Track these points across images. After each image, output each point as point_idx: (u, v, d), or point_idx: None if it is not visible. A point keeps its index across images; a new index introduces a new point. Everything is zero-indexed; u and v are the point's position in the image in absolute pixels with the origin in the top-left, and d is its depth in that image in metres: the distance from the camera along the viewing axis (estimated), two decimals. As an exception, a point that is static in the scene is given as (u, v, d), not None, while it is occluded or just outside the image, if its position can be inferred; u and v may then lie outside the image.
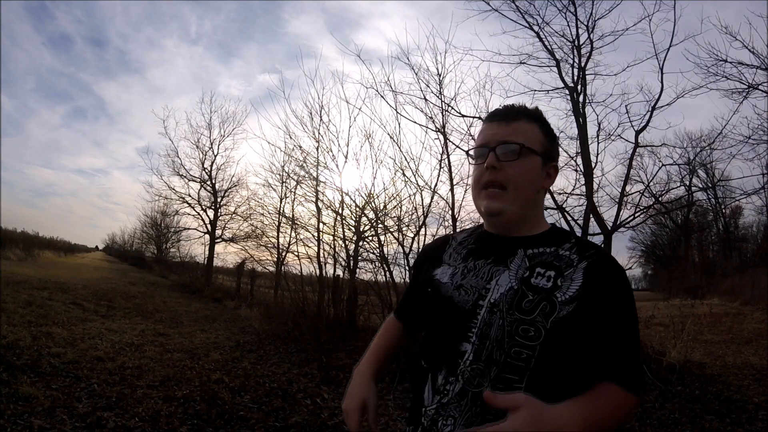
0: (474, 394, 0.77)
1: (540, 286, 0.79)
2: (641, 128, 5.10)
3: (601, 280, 0.78)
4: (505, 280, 0.82)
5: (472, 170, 0.92)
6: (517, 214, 0.86)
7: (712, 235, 24.42)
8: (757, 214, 19.68)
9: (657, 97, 4.98)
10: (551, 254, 0.83)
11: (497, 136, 0.87)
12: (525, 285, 0.80)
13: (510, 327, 0.77)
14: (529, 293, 0.79)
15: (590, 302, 0.76)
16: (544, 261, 0.82)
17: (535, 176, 0.88)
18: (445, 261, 0.94)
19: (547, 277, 0.80)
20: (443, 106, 5.76)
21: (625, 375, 0.75)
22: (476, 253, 0.90)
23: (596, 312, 0.76)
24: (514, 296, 0.79)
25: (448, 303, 0.85)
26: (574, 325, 0.76)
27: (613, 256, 0.84)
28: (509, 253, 0.85)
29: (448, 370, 0.81)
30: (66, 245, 34.61)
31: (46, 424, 2.78)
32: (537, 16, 5.42)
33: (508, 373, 0.76)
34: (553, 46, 5.42)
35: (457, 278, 0.87)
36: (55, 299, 7.84)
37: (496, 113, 0.91)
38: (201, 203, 17.13)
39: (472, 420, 0.76)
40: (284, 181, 9.02)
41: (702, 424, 3.33)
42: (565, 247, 0.84)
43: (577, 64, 5.33)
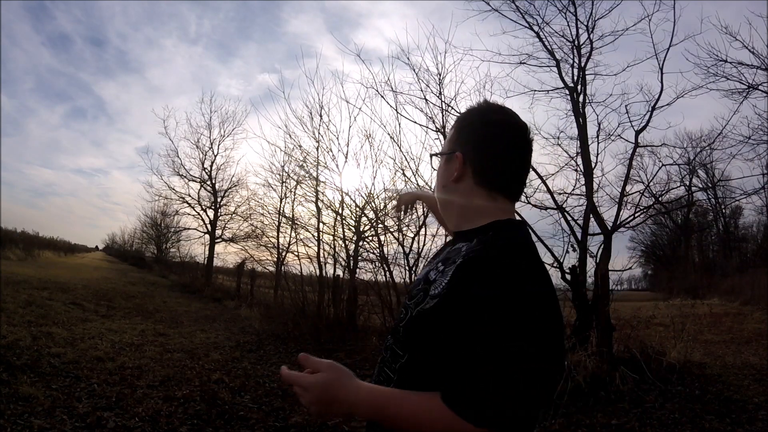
0: (381, 357, 0.89)
1: (430, 278, 0.84)
2: (641, 128, 5.10)
3: (465, 281, 0.72)
4: (421, 273, 0.91)
5: None
6: (439, 209, 0.97)
7: (712, 235, 24.44)
8: (757, 214, 19.70)
9: (657, 97, 4.97)
10: (454, 251, 0.84)
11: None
12: (425, 277, 0.87)
13: (401, 309, 0.89)
14: (421, 283, 0.86)
15: (450, 303, 0.73)
16: (446, 257, 0.85)
17: (440, 173, 0.96)
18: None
19: (439, 271, 0.83)
20: (443, 106, 5.76)
21: (453, 392, 0.67)
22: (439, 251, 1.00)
23: (455, 316, 0.71)
24: (414, 285, 0.89)
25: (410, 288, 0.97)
26: (433, 322, 0.75)
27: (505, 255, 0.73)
28: (443, 249, 0.94)
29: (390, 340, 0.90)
30: (66, 245, 34.63)
31: (46, 424, 2.78)
32: (537, 16, 5.42)
33: (397, 347, 0.84)
34: (553, 46, 5.42)
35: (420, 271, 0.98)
36: (55, 299, 7.84)
37: None
38: (201, 203, 17.15)
39: (378, 378, 0.87)
40: (284, 181, 9.04)
41: (702, 424, 3.33)
42: (472, 243, 0.81)
43: (577, 64, 5.32)
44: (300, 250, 8.30)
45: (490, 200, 0.86)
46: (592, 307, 4.64)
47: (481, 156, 0.87)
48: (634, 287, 35.65)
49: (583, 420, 3.42)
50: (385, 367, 0.86)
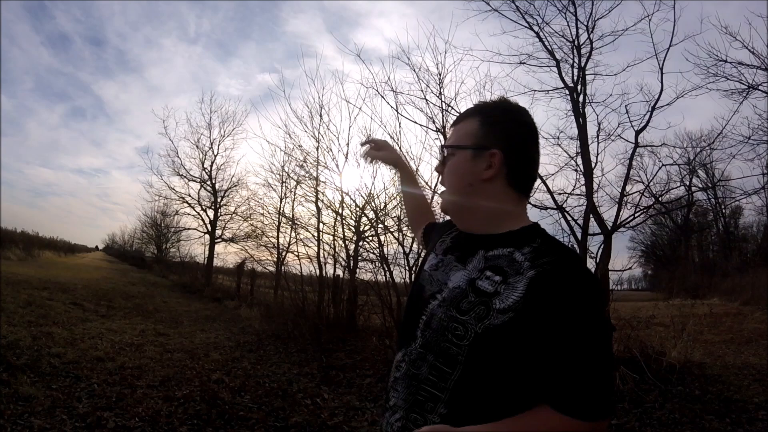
0: (412, 374, 0.84)
1: (482, 289, 0.79)
2: (641, 128, 5.09)
3: (550, 294, 0.72)
4: (457, 279, 0.84)
5: None
6: (457, 210, 0.92)
7: (712, 235, 24.44)
8: (757, 214, 19.72)
9: (657, 97, 4.97)
10: (506, 258, 0.80)
11: (448, 140, 0.95)
12: (471, 286, 0.80)
13: (445, 323, 0.80)
14: (471, 295, 0.79)
15: (531, 317, 0.72)
16: (495, 264, 0.80)
17: (465, 170, 0.87)
18: (437, 249, 0.98)
19: (492, 281, 0.78)
20: (443, 106, 5.76)
21: (569, 400, 0.71)
22: (451, 248, 0.93)
23: (539, 329, 0.72)
24: (459, 295, 0.81)
25: (420, 290, 0.92)
26: (508, 337, 0.73)
27: (580, 266, 0.76)
28: (471, 252, 0.86)
29: (404, 350, 0.88)
30: (66, 245, 34.63)
31: (46, 424, 2.78)
32: (537, 16, 5.42)
33: (441, 364, 0.79)
34: (553, 46, 5.42)
35: (433, 269, 0.92)
36: (55, 299, 7.84)
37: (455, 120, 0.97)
38: (201, 203, 17.14)
39: (408, 399, 0.83)
40: (284, 181, 9.03)
41: (702, 424, 3.33)
42: (524, 250, 0.79)
43: (577, 64, 5.32)
44: (300, 250, 8.30)
45: (519, 204, 0.88)
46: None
47: (518, 158, 0.86)
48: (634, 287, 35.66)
49: (583, 420, 3.42)
50: (425, 385, 0.81)
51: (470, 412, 0.76)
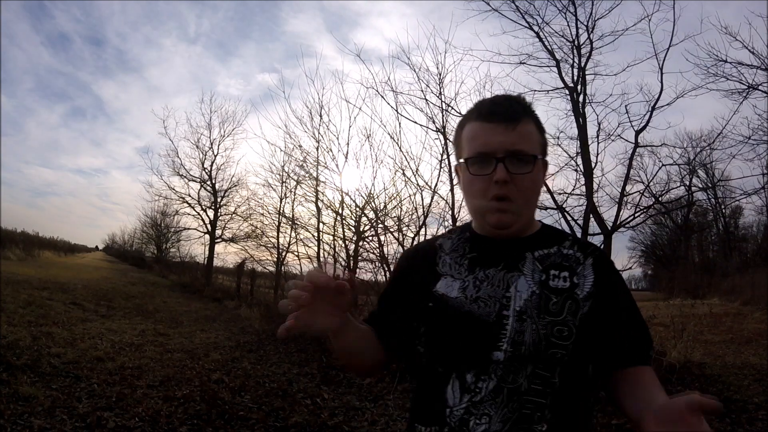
0: (510, 389, 0.76)
1: (559, 287, 0.81)
2: (641, 128, 5.10)
3: (608, 274, 0.84)
4: (524, 286, 0.81)
5: (471, 180, 0.84)
6: (523, 224, 0.86)
7: (712, 235, 24.44)
8: (757, 214, 19.69)
9: (657, 97, 4.98)
10: (557, 254, 0.85)
11: (504, 144, 0.80)
12: (545, 288, 0.81)
13: (545, 330, 0.77)
14: (552, 296, 0.80)
15: (604, 296, 0.81)
16: (554, 262, 0.83)
17: (541, 183, 0.88)
18: (445, 273, 0.88)
19: (562, 277, 0.82)
20: (443, 106, 5.77)
21: (645, 353, 0.81)
22: (482, 261, 0.86)
23: (611, 305, 0.81)
24: (540, 300, 0.79)
25: (469, 317, 0.81)
26: (595, 320, 0.79)
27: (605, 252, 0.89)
28: (518, 257, 0.84)
29: (478, 370, 0.78)
30: (66, 245, 34.65)
31: (46, 424, 2.78)
32: (537, 16, 5.42)
33: (542, 370, 0.77)
34: (553, 46, 5.42)
35: (471, 291, 0.83)
36: (55, 299, 7.84)
37: (495, 112, 0.82)
38: (201, 203, 17.13)
39: (509, 416, 0.75)
40: (284, 181, 9.06)
41: (702, 424, 3.32)
42: (566, 245, 0.86)
43: (577, 64, 5.33)
44: (300, 250, 8.32)
45: None
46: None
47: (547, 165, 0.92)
48: (634, 287, 35.65)
49: (583, 420, 3.42)
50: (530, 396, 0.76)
51: (570, 408, 0.78)
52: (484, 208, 0.83)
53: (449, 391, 0.80)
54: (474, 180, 0.83)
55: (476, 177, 0.83)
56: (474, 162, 0.83)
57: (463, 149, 0.87)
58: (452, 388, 0.80)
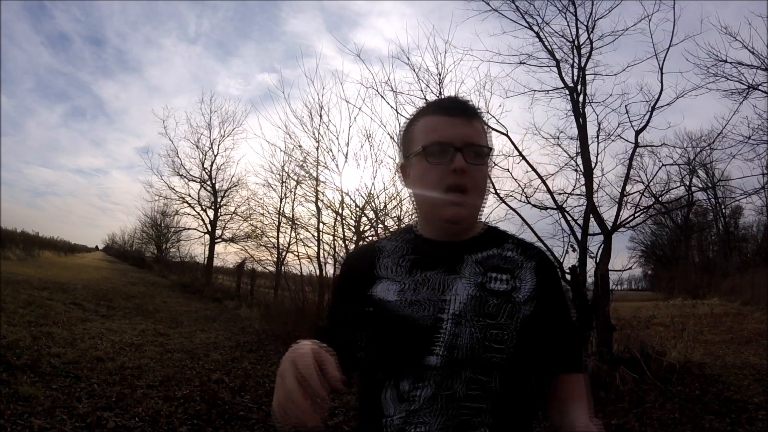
0: (447, 396, 0.75)
1: (498, 289, 0.80)
2: (641, 128, 5.09)
3: (548, 279, 0.84)
4: (462, 289, 0.79)
5: (425, 169, 0.82)
6: (473, 221, 0.85)
7: (712, 235, 24.44)
8: (757, 214, 19.72)
9: (657, 97, 4.97)
10: (498, 257, 0.84)
11: (463, 136, 0.80)
12: (484, 290, 0.79)
13: (482, 333, 0.76)
14: (490, 298, 0.78)
15: (543, 300, 0.81)
16: (494, 265, 0.83)
17: (488, 176, 0.87)
18: (384, 276, 0.85)
19: (502, 280, 0.81)
20: (443, 106, 5.74)
21: (577, 361, 0.84)
22: (422, 264, 0.84)
23: (549, 309, 0.82)
24: (477, 303, 0.78)
25: (404, 321, 0.79)
26: (534, 323, 0.79)
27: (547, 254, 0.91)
28: (457, 260, 0.83)
29: (415, 377, 0.76)
30: (66, 245, 34.64)
31: (46, 424, 2.78)
32: (537, 16, 5.42)
33: (479, 375, 0.75)
34: (553, 46, 5.42)
35: (408, 294, 0.81)
36: (55, 299, 7.84)
37: (453, 107, 0.84)
38: (201, 203, 17.13)
39: (448, 423, 0.74)
40: (284, 181, 9.05)
41: (702, 424, 3.32)
42: (507, 248, 0.86)
43: (577, 64, 5.32)
44: (300, 250, 8.32)
45: None
46: (592, 307, 4.64)
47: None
48: (634, 287, 35.70)
49: (583, 420, 3.42)
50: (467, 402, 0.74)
51: (510, 412, 0.77)
52: (439, 200, 0.81)
53: (386, 400, 0.78)
54: (430, 170, 0.81)
55: (433, 166, 0.81)
56: (432, 151, 0.81)
57: (415, 143, 0.84)
58: (389, 396, 0.78)
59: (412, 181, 0.86)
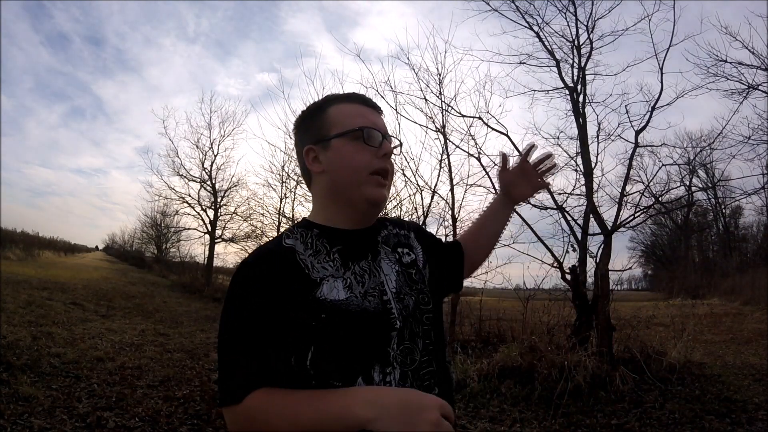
0: (413, 371, 0.79)
1: (409, 262, 0.90)
2: (641, 128, 5.10)
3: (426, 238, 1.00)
4: (388, 269, 0.86)
5: (355, 150, 0.82)
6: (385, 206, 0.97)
7: (712, 235, 24.46)
8: (757, 214, 19.72)
9: (657, 97, 4.97)
10: (392, 235, 0.93)
11: (383, 127, 0.88)
12: (401, 265, 0.88)
13: (416, 298, 0.85)
14: (409, 270, 0.88)
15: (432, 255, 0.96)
16: (395, 242, 0.92)
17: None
18: (322, 277, 0.78)
19: (406, 253, 0.91)
20: (443, 106, 5.77)
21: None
22: (351, 255, 0.83)
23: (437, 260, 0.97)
24: (404, 277, 0.86)
25: (364, 315, 0.77)
26: (434, 280, 0.92)
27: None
28: (372, 244, 0.88)
29: (381, 363, 0.76)
30: (66, 245, 34.60)
31: (46, 424, 2.78)
32: (537, 16, 5.42)
33: (425, 339, 0.82)
34: (553, 46, 5.42)
35: (357, 288, 0.79)
36: (55, 299, 7.84)
37: (368, 99, 0.90)
38: (201, 203, 17.10)
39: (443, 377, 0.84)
40: (284, 181, 9.04)
41: (702, 424, 3.32)
42: (389, 225, 0.96)
43: (577, 64, 5.33)
44: (300, 250, 8.28)
45: None
46: (592, 307, 4.64)
47: None
48: (634, 287, 35.72)
49: (583, 420, 3.42)
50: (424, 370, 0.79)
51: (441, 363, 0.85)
52: (365, 181, 0.83)
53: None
54: (361, 151, 0.83)
55: (366, 147, 0.83)
56: (367, 134, 0.83)
57: (337, 126, 0.84)
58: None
59: (331, 162, 0.84)
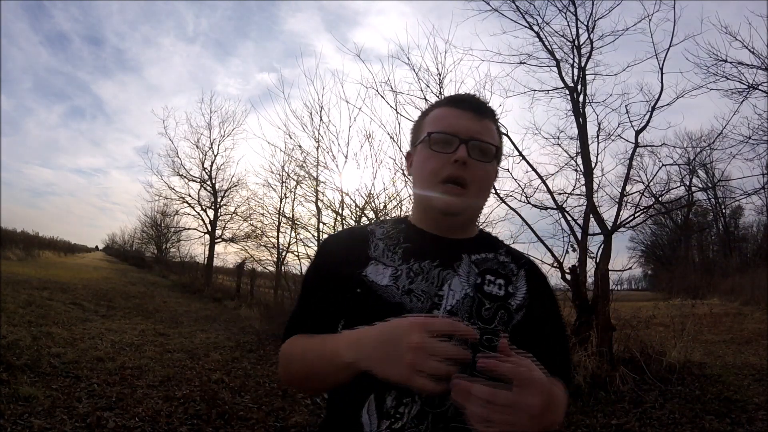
0: (435, 415, 0.68)
1: (494, 293, 0.76)
2: (641, 128, 5.10)
3: (540, 288, 0.82)
4: (458, 286, 0.75)
5: (427, 156, 0.80)
6: (469, 218, 0.83)
7: (712, 235, 24.45)
8: (757, 214, 19.73)
9: (657, 97, 4.98)
10: (493, 261, 0.81)
11: (470, 129, 0.78)
12: (479, 292, 0.75)
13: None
14: (485, 301, 0.75)
15: (534, 309, 0.78)
16: (491, 268, 0.79)
17: (493, 182, 0.86)
18: (377, 258, 0.79)
19: (498, 284, 0.78)
20: (443, 106, 5.74)
21: (568, 379, 0.77)
22: (417, 253, 0.79)
23: (540, 319, 0.79)
24: (472, 304, 0.74)
25: (397, 309, 0.72)
26: (525, 332, 0.75)
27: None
28: (454, 257, 0.79)
29: (399, 391, 0.68)
30: (66, 245, 34.64)
31: (46, 424, 2.78)
32: (537, 16, 5.43)
33: None
34: (553, 46, 5.43)
35: (403, 281, 0.75)
36: (55, 299, 7.84)
37: (465, 101, 0.82)
38: (201, 203, 17.11)
39: None
40: (284, 181, 9.03)
41: (702, 424, 3.33)
42: (501, 252, 0.83)
43: (577, 64, 5.33)
44: (300, 250, 8.30)
45: None
46: (592, 307, 4.64)
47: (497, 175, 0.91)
48: (634, 287, 35.72)
49: (583, 420, 3.42)
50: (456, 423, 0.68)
51: None
52: (434, 188, 0.78)
53: (365, 416, 0.70)
54: (432, 157, 0.79)
55: (436, 154, 0.78)
56: (437, 139, 0.79)
57: (423, 131, 0.83)
58: (369, 411, 0.70)
59: (413, 169, 0.84)
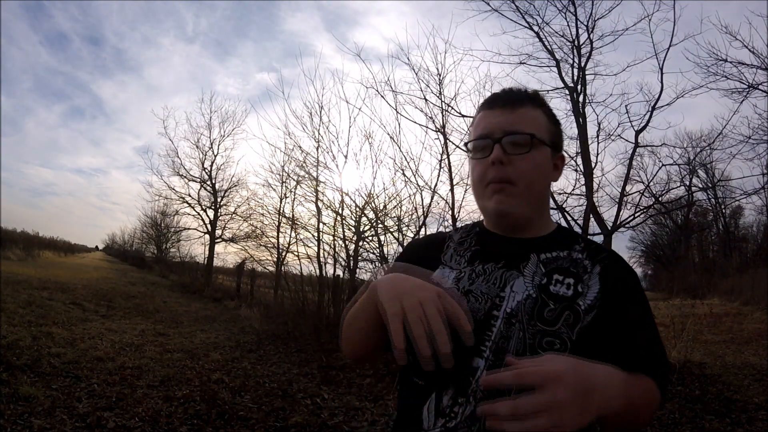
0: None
1: (560, 294, 0.73)
2: (641, 128, 5.11)
3: (617, 284, 0.75)
4: (521, 287, 0.74)
5: (472, 165, 0.81)
6: (527, 214, 0.79)
7: (712, 235, 24.42)
8: (757, 214, 19.68)
9: (657, 97, 4.99)
10: (565, 259, 0.77)
11: (502, 125, 0.77)
12: (544, 293, 0.73)
13: (532, 340, 0.70)
14: (549, 302, 0.72)
15: (609, 308, 0.73)
16: (560, 267, 0.76)
17: (547, 170, 0.81)
18: (445, 262, 0.82)
19: (566, 284, 0.74)
20: (443, 106, 5.76)
21: (659, 373, 0.72)
22: (483, 255, 0.80)
23: (617, 316, 0.73)
24: (534, 305, 0.72)
25: None
26: (596, 333, 0.71)
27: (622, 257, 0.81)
28: (521, 257, 0.77)
29: (456, 390, 0.70)
30: (66, 245, 34.63)
31: (46, 424, 2.78)
32: (537, 16, 5.43)
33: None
34: (553, 46, 5.43)
35: (464, 283, 0.77)
36: (55, 299, 7.84)
37: (496, 98, 0.81)
38: (201, 203, 17.14)
39: None
40: (284, 181, 9.02)
41: (702, 424, 3.33)
42: (576, 249, 0.79)
43: (577, 64, 5.34)
44: (300, 250, 8.30)
45: None
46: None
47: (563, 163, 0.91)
48: (634, 287, 35.62)
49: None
50: None
51: None
52: (483, 194, 0.79)
53: (425, 412, 0.72)
54: (476, 165, 0.80)
55: (478, 161, 0.80)
56: (474, 147, 0.80)
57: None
58: (428, 408, 0.72)
59: (470, 179, 0.86)
